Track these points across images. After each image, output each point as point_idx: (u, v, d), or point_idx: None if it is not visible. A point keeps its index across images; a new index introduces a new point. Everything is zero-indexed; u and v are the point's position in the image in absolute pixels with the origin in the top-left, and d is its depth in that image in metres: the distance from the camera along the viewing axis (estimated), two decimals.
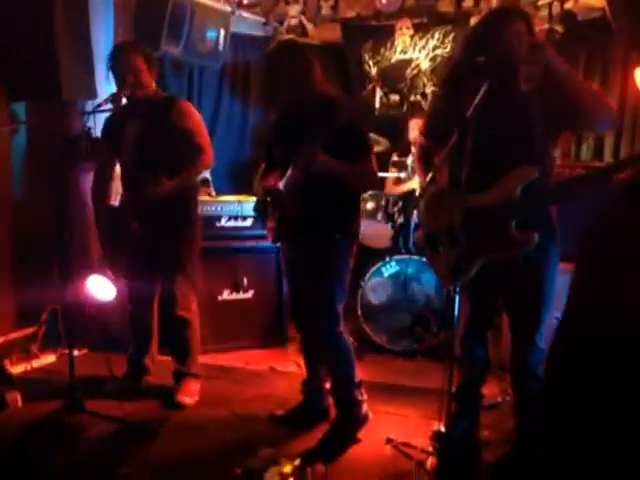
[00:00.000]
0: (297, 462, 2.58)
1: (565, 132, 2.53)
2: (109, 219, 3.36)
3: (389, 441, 2.77)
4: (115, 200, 3.40)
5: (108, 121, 3.33)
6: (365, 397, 2.88)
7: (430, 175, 2.42)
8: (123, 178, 3.29)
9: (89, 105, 3.75)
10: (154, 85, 3.23)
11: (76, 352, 3.40)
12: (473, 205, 2.31)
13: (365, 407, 2.87)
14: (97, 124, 3.84)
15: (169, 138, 3.11)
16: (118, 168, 3.36)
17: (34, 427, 2.89)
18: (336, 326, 2.78)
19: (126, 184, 3.26)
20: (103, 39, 4.02)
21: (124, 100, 3.19)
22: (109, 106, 3.15)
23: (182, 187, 3.13)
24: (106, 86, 3.84)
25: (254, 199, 2.97)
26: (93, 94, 3.73)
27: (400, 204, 4.23)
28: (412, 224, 4.14)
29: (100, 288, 3.71)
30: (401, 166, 4.37)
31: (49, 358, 3.78)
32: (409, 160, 4.29)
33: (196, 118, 3.22)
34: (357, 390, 2.86)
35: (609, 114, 2.32)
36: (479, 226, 2.32)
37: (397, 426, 2.93)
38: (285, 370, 3.76)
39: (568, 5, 4.21)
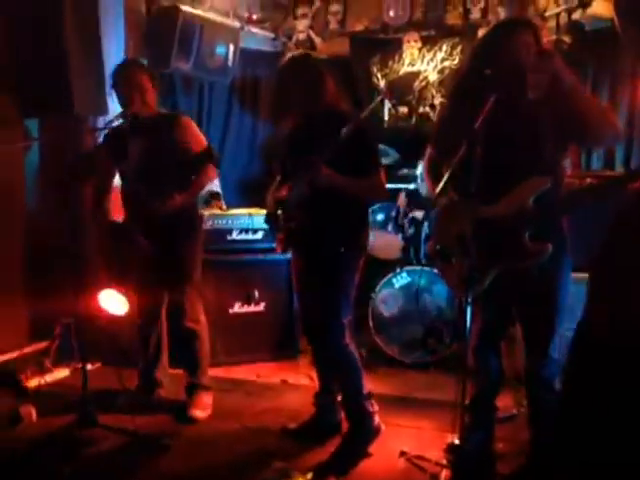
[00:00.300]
0: (309, 476, 2.57)
1: (572, 144, 2.52)
2: (114, 235, 3.37)
3: (402, 454, 2.75)
4: (114, 215, 3.43)
5: (109, 136, 3.34)
6: (376, 408, 2.86)
7: (440, 186, 2.42)
8: (127, 194, 3.31)
9: (101, 121, 3.79)
10: (155, 103, 3.26)
11: (89, 366, 3.41)
12: (485, 216, 2.31)
13: (377, 419, 2.85)
14: None
15: (173, 155, 3.13)
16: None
17: (47, 441, 2.90)
18: (341, 338, 2.77)
19: (130, 200, 3.28)
20: (114, 55, 4.05)
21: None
22: (120, 122, 3.19)
23: (190, 201, 3.17)
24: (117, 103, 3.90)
25: (265, 212, 2.98)
26: (104, 110, 3.77)
27: (411, 216, 4.22)
28: (423, 235, 4.14)
29: (113, 302, 3.73)
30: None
31: (62, 372, 3.79)
32: (417, 171, 4.30)
33: (197, 133, 3.25)
34: (367, 401, 2.84)
35: (614, 130, 2.33)
36: (491, 237, 2.31)
37: (410, 439, 2.91)
38: (297, 383, 3.75)
39: (576, 16, 4.21)
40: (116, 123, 3.16)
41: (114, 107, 3.44)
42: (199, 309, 3.29)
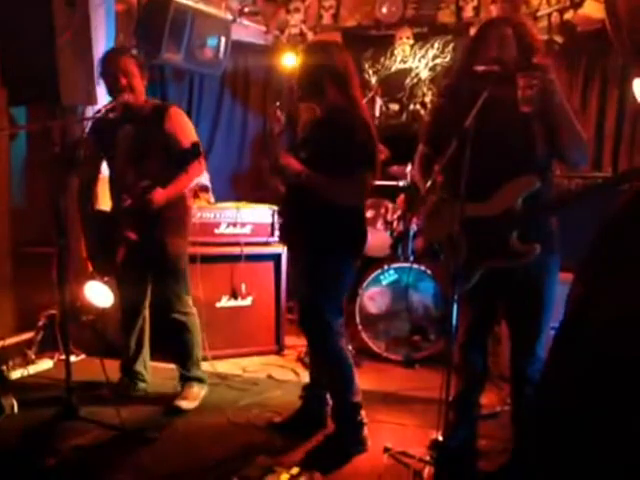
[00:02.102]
0: (294, 471, 2.57)
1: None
2: (100, 224, 3.33)
3: (386, 450, 2.75)
4: (100, 204, 3.40)
5: (97, 124, 3.28)
6: (366, 420, 2.82)
7: (429, 183, 2.42)
8: (113, 183, 3.28)
9: (89, 111, 3.75)
10: (144, 92, 3.22)
11: (73, 358, 3.39)
12: (474, 214, 2.31)
13: (366, 430, 2.81)
14: None
15: (161, 146, 3.11)
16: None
17: (30, 432, 2.88)
18: (328, 340, 2.75)
19: (117, 190, 3.23)
20: (104, 45, 4.02)
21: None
22: (110, 111, 3.15)
23: (176, 194, 3.13)
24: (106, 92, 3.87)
25: (253, 206, 2.98)
26: (93, 100, 3.73)
27: (399, 212, 4.23)
28: (411, 232, 4.15)
29: (97, 294, 3.70)
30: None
31: (46, 363, 3.76)
32: (407, 169, 4.30)
33: (187, 125, 3.21)
34: (358, 410, 2.80)
35: (583, 155, 2.37)
36: (480, 236, 2.32)
37: (395, 435, 2.92)
38: (283, 378, 3.74)
39: (567, 16, 4.23)
40: (105, 112, 3.12)
41: (103, 96, 3.40)
42: (187, 301, 3.28)
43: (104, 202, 3.40)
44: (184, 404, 3.19)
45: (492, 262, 2.34)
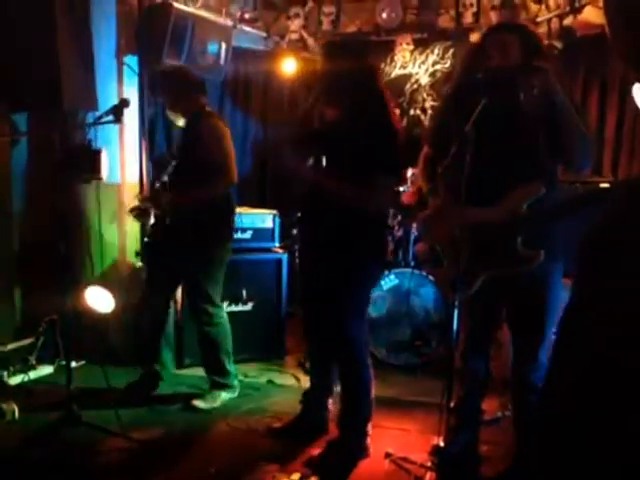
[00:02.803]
0: (295, 477, 2.56)
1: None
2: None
3: (388, 455, 2.75)
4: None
5: (170, 128, 3.56)
6: (370, 432, 2.83)
7: (430, 187, 2.43)
8: None
9: (90, 116, 3.76)
10: (200, 100, 3.34)
11: (73, 364, 3.38)
12: (478, 220, 2.31)
13: (369, 440, 2.81)
14: (99, 135, 3.86)
15: (193, 154, 3.20)
16: None
17: (31, 438, 2.87)
18: (355, 351, 2.76)
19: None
20: (105, 51, 4.04)
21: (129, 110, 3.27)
22: (111, 117, 3.17)
23: (194, 202, 3.17)
24: (108, 98, 3.88)
25: (255, 211, 2.99)
26: (94, 105, 3.74)
27: (400, 217, 4.23)
28: (412, 237, 4.15)
29: (99, 299, 3.71)
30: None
31: (47, 369, 3.76)
32: (408, 173, 4.30)
33: (218, 135, 3.23)
34: (366, 422, 2.80)
35: (587, 157, 2.37)
36: (483, 241, 2.32)
37: (396, 440, 2.91)
38: (283, 383, 3.74)
39: (567, 21, 4.24)
40: (106, 119, 3.14)
41: (114, 101, 3.42)
42: (215, 310, 3.34)
43: None
44: (200, 404, 3.25)
45: (496, 269, 2.33)
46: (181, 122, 3.37)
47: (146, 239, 3.44)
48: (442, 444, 2.36)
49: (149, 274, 3.49)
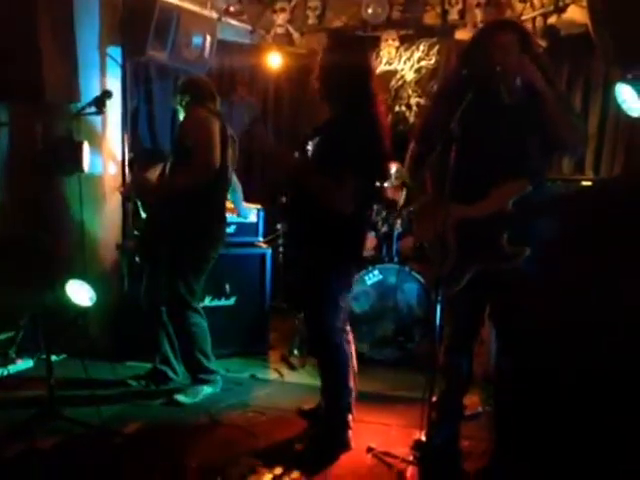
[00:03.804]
0: (277, 471, 2.57)
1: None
2: None
3: (370, 450, 2.76)
4: None
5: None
6: (352, 424, 2.83)
7: (417, 183, 2.44)
8: None
9: (72, 108, 3.71)
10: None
11: (54, 357, 3.35)
12: (464, 216, 2.33)
13: (350, 433, 2.82)
14: (81, 128, 3.82)
15: (179, 143, 3.23)
16: None
17: (9, 432, 2.83)
18: (327, 336, 2.77)
19: None
20: (88, 42, 3.99)
21: (112, 103, 3.24)
22: (93, 109, 3.14)
23: (164, 192, 3.14)
24: (91, 89, 3.83)
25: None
26: (77, 97, 3.70)
27: (384, 213, 4.24)
28: (396, 233, 4.16)
29: (79, 293, 3.67)
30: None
31: (27, 363, 3.72)
32: (392, 169, 4.30)
33: (197, 128, 3.20)
34: (347, 412, 2.81)
35: (579, 135, 2.37)
36: (470, 237, 2.33)
37: (378, 435, 2.92)
38: (266, 378, 3.74)
39: (551, 20, 4.27)
40: (88, 110, 3.11)
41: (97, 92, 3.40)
42: (187, 305, 3.30)
43: None
44: (182, 398, 3.25)
45: (482, 264, 2.35)
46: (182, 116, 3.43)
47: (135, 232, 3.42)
48: (424, 439, 2.37)
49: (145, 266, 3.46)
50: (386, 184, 4.35)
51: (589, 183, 3.61)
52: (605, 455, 1.66)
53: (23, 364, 3.71)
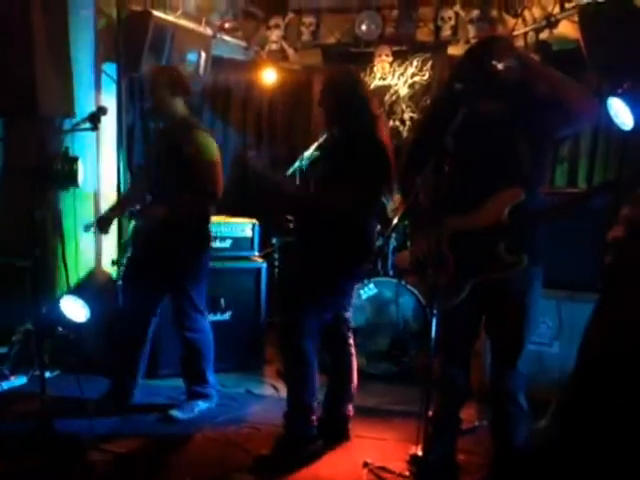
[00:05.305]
0: None
1: (549, 138, 2.52)
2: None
3: (366, 465, 2.74)
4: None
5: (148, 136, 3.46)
6: (315, 423, 2.87)
7: (411, 197, 2.44)
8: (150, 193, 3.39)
9: (67, 123, 3.72)
10: (180, 107, 3.25)
11: (48, 374, 3.33)
12: (461, 227, 2.33)
13: (314, 431, 2.86)
14: (75, 143, 3.83)
15: (178, 164, 3.14)
16: None
17: (3, 449, 2.81)
18: (295, 336, 2.80)
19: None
20: (83, 58, 4.01)
21: (106, 119, 3.24)
22: (88, 125, 3.15)
23: (176, 214, 3.14)
24: (86, 105, 3.85)
25: (234, 220, 3.02)
26: (71, 112, 3.71)
27: (379, 227, 4.23)
28: (391, 246, 4.16)
29: (73, 309, 3.66)
30: None
31: (20, 380, 3.69)
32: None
33: (206, 150, 3.19)
34: (308, 412, 2.84)
35: (585, 97, 2.34)
36: (467, 248, 2.33)
37: (374, 450, 2.90)
38: (262, 393, 3.72)
39: (543, 35, 4.30)
40: (83, 126, 3.12)
41: (92, 108, 3.40)
42: (198, 319, 3.32)
43: None
44: (177, 414, 3.22)
45: (481, 275, 2.35)
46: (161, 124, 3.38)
47: (128, 254, 3.37)
48: (420, 453, 2.36)
49: (130, 289, 3.39)
50: (386, 202, 4.35)
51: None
52: None
53: (16, 380, 3.68)
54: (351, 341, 3.08)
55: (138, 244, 3.30)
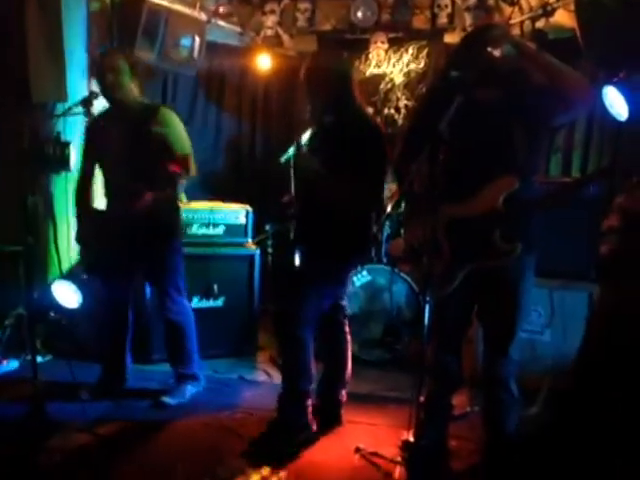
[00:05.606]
0: (264, 471, 2.56)
1: (545, 126, 2.51)
2: (94, 222, 3.29)
3: (357, 450, 2.75)
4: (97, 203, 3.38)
5: (91, 123, 3.28)
6: (310, 409, 2.88)
7: (405, 185, 2.44)
8: (107, 184, 3.26)
9: (60, 108, 3.69)
10: (137, 90, 3.18)
11: (40, 358, 3.33)
12: (456, 215, 2.33)
13: (310, 416, 2.87)
14: (67, 127, 3.80)
15: (150, 146, 3.09)
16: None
17: None
18: (291, 323, 2.79)
19: (111, 191, 3.24)
20: (76, 43, 3.98)
21: (100, 103, 3.17)
22: (80, 109, 3.12)
23: (162, 198, 3.11)
24: (78, 90, 3.82)
25: (228, 207, 3.00)
26: (63, 97, 3.68)
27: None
28: (385, 234, 4.16)
29: (66, 294, 3.65)
30: None
31: (12, 364, 3.69)
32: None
33: (177, 127, 3.18)
34: (304, 397, 2.85)
35: (582, 86, 2.32)
36: (462, 236, 2.34)
37: (366, 435, 2.92)
38: (254, 379, 3.73)
39: (539, 24, 4.29)
40: (75, 110, 3.09)
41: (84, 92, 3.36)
42: (181, 302, 3.31)
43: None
44: (170, 400, 3.22)
45: (475, 262, 2.35)
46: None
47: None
48: (412, 439, 2.37)
49: (104, 277, 3.34)
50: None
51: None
52: None
53: (8, 365, 3.68)
54: (347, 328, 3.10)
55: (108, 231, 3.19)
